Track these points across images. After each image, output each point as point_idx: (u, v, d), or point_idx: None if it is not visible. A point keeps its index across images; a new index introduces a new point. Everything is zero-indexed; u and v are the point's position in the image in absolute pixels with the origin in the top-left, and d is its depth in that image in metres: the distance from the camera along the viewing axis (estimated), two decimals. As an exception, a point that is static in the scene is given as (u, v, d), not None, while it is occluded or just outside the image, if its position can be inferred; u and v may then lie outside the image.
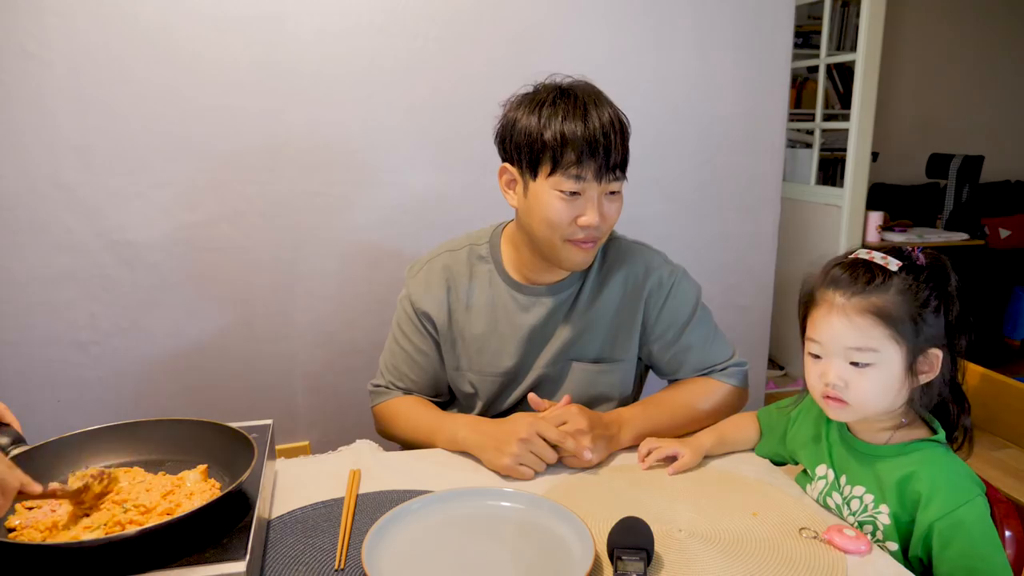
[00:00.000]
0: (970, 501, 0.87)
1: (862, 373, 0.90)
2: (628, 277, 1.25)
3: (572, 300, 1.24)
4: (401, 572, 0.82)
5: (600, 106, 1.10)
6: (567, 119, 1.08)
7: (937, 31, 4.21)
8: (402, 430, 1.25)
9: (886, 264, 0.91)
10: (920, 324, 0.89)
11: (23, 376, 1.53)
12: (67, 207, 1.48)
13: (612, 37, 1.73)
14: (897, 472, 0.91)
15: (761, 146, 1.90)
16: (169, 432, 0.97)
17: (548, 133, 1.08)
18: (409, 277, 1.29)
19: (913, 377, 0.90)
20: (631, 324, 1.25)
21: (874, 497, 0.94)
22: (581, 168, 1.08)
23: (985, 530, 0.87)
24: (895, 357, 0.89)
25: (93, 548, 0.75)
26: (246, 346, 1.65)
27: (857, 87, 2.93)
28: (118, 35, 1.44)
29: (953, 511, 0.86)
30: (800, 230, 3.26)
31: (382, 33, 1.59)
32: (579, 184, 1.09)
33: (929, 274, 0.91)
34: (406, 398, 1.28)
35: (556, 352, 1.24)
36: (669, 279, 1.25)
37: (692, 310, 1.26)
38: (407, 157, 1.67)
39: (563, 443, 1.06)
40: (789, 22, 1.86)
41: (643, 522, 0.86)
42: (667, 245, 1.34)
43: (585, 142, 1.07)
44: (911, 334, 0.89)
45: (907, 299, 0.89)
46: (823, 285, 0.93)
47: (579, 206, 1.10)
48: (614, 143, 1.08)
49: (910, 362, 0.90)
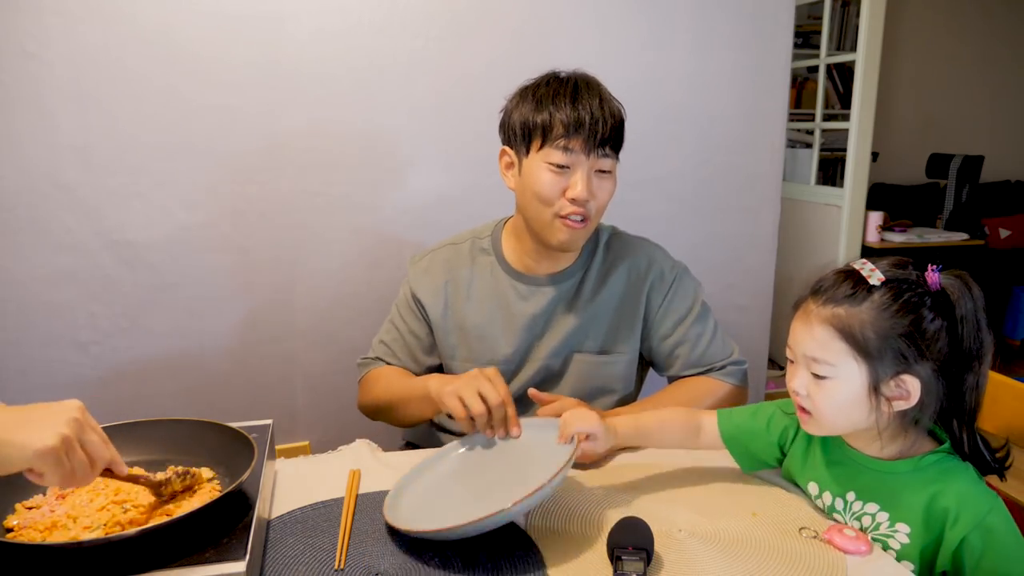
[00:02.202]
0: (995, 507, 0.84)
1: (820, 385, 0.87)
2: (631, 270, 1.28)
3: (575, 290, 1.27)
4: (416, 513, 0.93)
5: (591, 89, 1.15)
6: (557, 97, 1.14)
7: (937, 31, 4.21)
8: (379, 392, 1.29)
9: (869, 277, 0.85)
10: (892, 346, 0.83)
11: (23, 376, 1.53)
12: (67, 207, 1.48)
13: (612, 37, 1.73)
14: (922, 492, 0.87)
15: (761, 146, 1.90)
16: (169, 432, 0.97)
17: (540, 111, 1.14)
18: (411, 264, 1.35)
19: (881, 400, 0.85)
20: (633, 316, 1.27)
21: (889, 515, 0.89)
22: (569, 140, 1.12)
23: (1014, 532, 0.84)
24: (855, 375, 0.85)
25: (93, 548, 0.75)
26: (246, 346, 1.65)
27: (857, 87, 2.93)
28: (118, 35, 1.44)
29: (982, 521, 0.83)
30: (800, 230, 3.26)
31: (382, 33, 1.59)
32: (568, 156, 1.12)
33: (918, 295, 0.83)
34: (390, 367, 1.33)
35: (558, 343, 1.26)
36: (671, 273, 1.28)
37: (692, 305, 1.28)
38: (407, 157, 1.67)
39: (508, 399, 1.05)
40: (789, 22, 1.86)
41: (643, 522, 0.86)
42: (667, 245, 1.34)
43: (574, 116, 1.11)
44: (876, 354, 0.83)
45: (881, 317, 0.83)
46: (808, 289, 0.90)
47: (567, 179, 1.14)
48: (603, 120, 1.13)
49: (874, 384, 0.85)
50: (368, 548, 0.88)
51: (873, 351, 0.83)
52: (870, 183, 3.40)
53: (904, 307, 0.83)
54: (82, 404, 0.74)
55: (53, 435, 0.69)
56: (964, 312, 0.83)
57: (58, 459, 0.69)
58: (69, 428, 0.70)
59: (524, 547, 0.88)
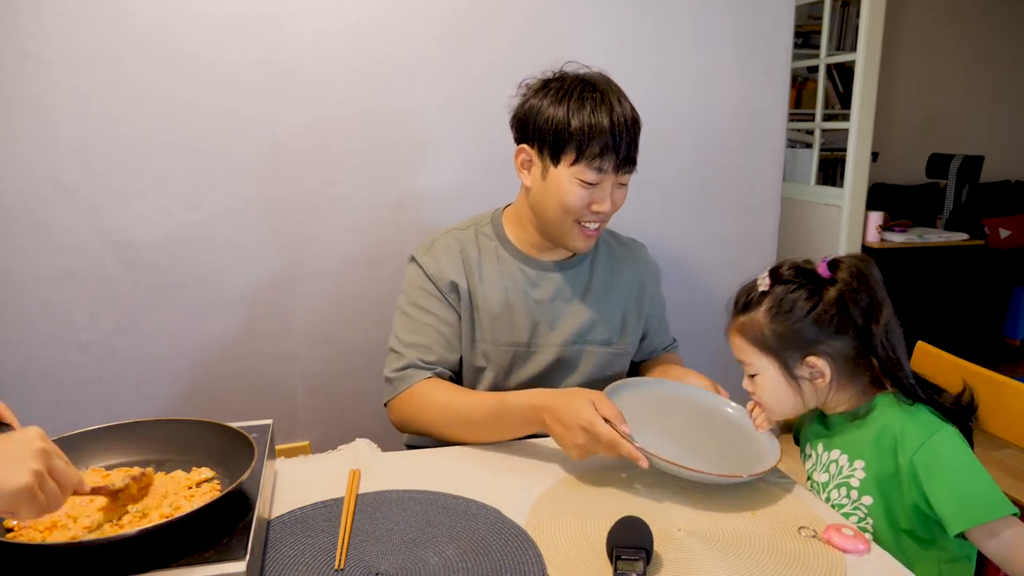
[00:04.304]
0: (939, 430, 0.94)
1: (755, 382, 1.05)
2: (636, 268, 1.37)
3: (585, 281, 1.31)
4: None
5: (622, 101, 1.18)
6: (595, 112, 1.14)
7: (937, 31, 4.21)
8: (441, 417, 1.17)
9: (759, 285, 1.02)
10: (788, 337, 0.99)
11: (23, 376, 1.53)
12: (67, 207, 1.48)
13: (612, 37, 1.73)
14: (871, 428, 1.00)
15: (761, 146, 1.90)
16: (169, 432, 0.97)
17: (575, 124, 1.14)
18: (420, 255, 1.29)
19: (801, 382, 1.01)
20: (639, 310, 1.36)
21: (848, 455, 1.02)
22: (603, 160, 1.15)
23: (960, 452, 0.93)
24: (771, 369, 1.02)
25: (93, 548, 0.75)
26: (246, 346, 1.65)
27: (857, 87, 2.92)
28: (118, 35, 1.44)
29: (925, 442, 0.93)
30: (800, 230, 3.26)
31: (382, 33, 1.59)
32: (599, 176, 1.16)
33: (801, 288, 0.99)
34: (436, 382, 1.21)
35: (571, 333, 1.29)
36: (656, 267, 1.42)
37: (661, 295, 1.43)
38: (407, 157, 1.66)
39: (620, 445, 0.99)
40: (789, 22, 1.86)
41: (643, 521, 0.86)
42: (667, 245, 1.35)
43: (610, 136, 1.14)
44: (778, 348, 1.00)
45: (772, 316, 1.00)
46: (728, 305, 1.08)
47: (594, 194, 1.18)
48: (633, 138, 1.17)
49: (788, 372, 1.01)
50: (368, 548, 0.88)
51: (774, 346, 1.00)
52: (870, 183, 3.40)
53: (789, 303, 0.99)
54: (41, 431, 0.71)
55: (25, 472, 0.66)
56: (849, 289, 0.97)
57: (33, 496, 0.66)
58: (38, 461, 0.67)
59: (524, 546, 0.88)
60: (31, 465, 0.67)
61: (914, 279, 3.44)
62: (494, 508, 0.97)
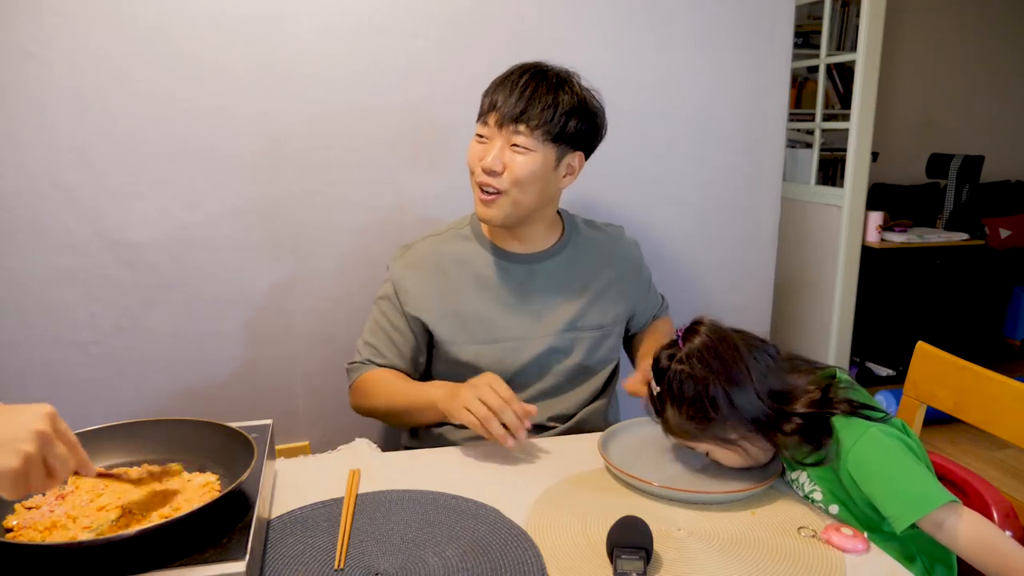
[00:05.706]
0: (863, 434, 0.93)
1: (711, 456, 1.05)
2: (617, 251, 1.41)
3: (567, 272, 1.34)
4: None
5: (541, 77, 1.20)
6: (509, 75, 1.22)
7: (937, 31, 4.21)
8: (377, 400, 1.30)
9: (652, 388, 1.04)
10: (696, 426, 0.99)
11: (23, 376, 1.53)
12: (67, 207, 1.48)
13: (612, 37, 1.73)
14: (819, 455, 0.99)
15: (761, 146, 1.90)
16: (169, 432, 0.97)
17: (490, 86, 1.24)
18: (393, 262, 1.37)
19: (740, 443, 1.00)
20: (624, 294, 1.39)
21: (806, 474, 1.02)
22: (489, 115, 1.21)
23: (885, 452, 0.92)
24: (710, 446, 1.02)
25: (93, 548, 0.75)
26: (246, 346, 1.65)
27: (857, 87, 2.92)
28: (118, 35, 1.44)
29: (851, 449, 0.93)
30: (800, 230, 3.26)
31: (382, 33, 1.59)
32: (485, 128, 1.22)
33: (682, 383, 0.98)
34: (382, 370, 1.33)
35: (562, 322, 1.31)
36: (636, 245, 1.46)
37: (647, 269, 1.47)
38: (407, 157, 1.66)
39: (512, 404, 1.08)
40: (789, 22, 1.86)
41: (642, 521, 0.86)
42: (667, 245, 1.35)
43: (499, 93, 1.20)
44: (705, 435, 1.00)
45: (679, 417, 0.99)
46: None
47: (485, 150, 1.22)
48: (526, 99, 1.18)
49: (726, 442, 1.00)
50: (368, 548, 0.88)
51: (701, 435, 1.00)
52: (870, 183, 3.40)
53: (679, 400, 0.99)
54: (52, 410, 0.68)
55: (15, 455, 0.64)
56: (700, 369, 0.97)
57: (16, 481, 0.65)
58: (33, 444, 0.65)
59: (524, 546, 0.88)
60: (23, 447, 0.65)
61: (914, 279, 3.44)
62: (494, 508, 0.97)
